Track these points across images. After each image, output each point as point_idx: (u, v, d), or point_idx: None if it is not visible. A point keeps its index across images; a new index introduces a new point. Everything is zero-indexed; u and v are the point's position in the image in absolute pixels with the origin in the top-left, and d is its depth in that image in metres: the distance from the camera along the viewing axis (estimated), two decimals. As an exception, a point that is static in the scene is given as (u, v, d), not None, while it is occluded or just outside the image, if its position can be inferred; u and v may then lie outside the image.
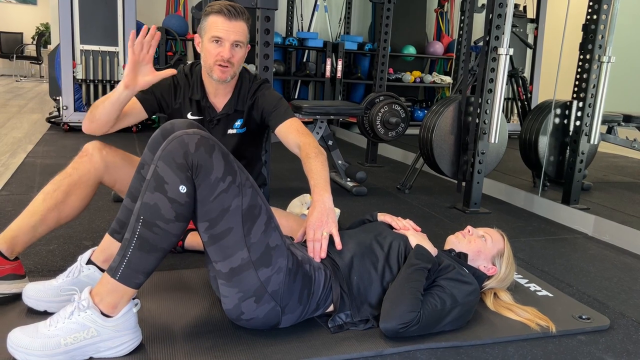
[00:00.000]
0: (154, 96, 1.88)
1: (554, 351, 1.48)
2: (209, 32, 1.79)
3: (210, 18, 1.78)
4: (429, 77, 6.45)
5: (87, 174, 1.65)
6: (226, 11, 1.76)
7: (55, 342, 1.23)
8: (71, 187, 1.62)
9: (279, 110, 1.92)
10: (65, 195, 1.61)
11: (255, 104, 1.96)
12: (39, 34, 11.44)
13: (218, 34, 1.77)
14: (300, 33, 6.09)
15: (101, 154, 1.70)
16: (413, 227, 1.73)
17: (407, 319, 1.41)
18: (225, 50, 1.78)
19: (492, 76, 2.83)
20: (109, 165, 1.71)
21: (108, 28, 4.83)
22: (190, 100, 1.94)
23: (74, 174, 1.65)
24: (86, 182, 1.65)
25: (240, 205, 1.33)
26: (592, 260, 2.31)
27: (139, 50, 1.60)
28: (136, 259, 1.27)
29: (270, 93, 1.97)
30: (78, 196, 1.63)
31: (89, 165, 1.67)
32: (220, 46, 1.78)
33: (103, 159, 1.69)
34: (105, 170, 1.70)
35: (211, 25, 1.78)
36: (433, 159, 3.08)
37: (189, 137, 1.28)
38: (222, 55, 1.78)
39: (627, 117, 3.88)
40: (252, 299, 1.37)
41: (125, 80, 1.63)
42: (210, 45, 1.79)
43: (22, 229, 1.57)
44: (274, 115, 1.92)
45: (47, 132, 4.76)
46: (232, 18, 1.76)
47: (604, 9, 2.88)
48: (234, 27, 1.77)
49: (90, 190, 1.68)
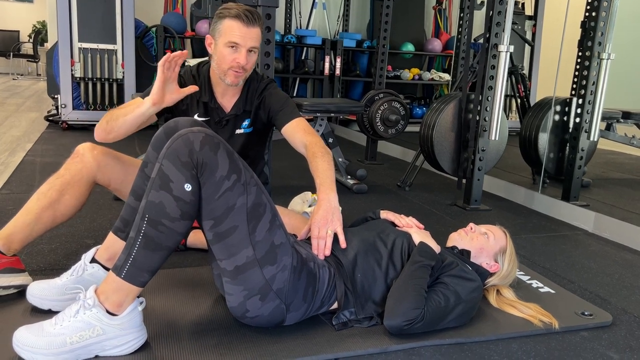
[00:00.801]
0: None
1: (557, 347, 1.49)
2: (225, 37, 1.76)
3: (227, 22, 1.76)
4: (427, 74, 6.45)
5: (78, 174, 1.65)
6: (244, 17, 1.73)
7: (61, 340, 1.23)
8: (64, 186, 1.63)
9: (285, 110, 1.92)
10: (59, 194, 1.61)
11: (262, 103, 1.96)
12: (36, 32, 11.39)
13: (235, 40, 1.75)
14: (298, 30, 6.08)
15: (92, 153, 1.70)
16: (416, 225, 1.73)
17: (412, 316, 1.42)
18: (241, 57, 1.76)
19: (492, 73, 2.84)
20: (100, 164, 1.70)
21: (106, 26, 4.81)
22: (198, 102, 1.92)
23: (66, 174, 1.65)
24: (79, 181, 1.65)
25: (245, 204, 1.33)
26: (593, 256, 2.32)
27: (168, 68, 1.62)
28: (141, 257, 1.27)
29: (277, 92, 1.97)
30: (72, 195, 1.63)
31: (81, 165, 1.67)
32: (236, 52, 1.76)
33: (94, 158, 1.69)
34: (97, 170, 1.69)
35: (227, 30, 1.75)
36: (434, 156, 3.09)
37: (194, 135, 1.28)
38: (239, 62, 1.77)
39: (626, 113, 3.89)
40: (257, 297, 1.37)
41: (154, 97, 1.64)
42: (225, 50, 1.77)
43: (18, 227, 1.57)
44: (281, 115, 1.92)
45: (46, 130, 4.74)
46: (249, 24, 1.74)
47: (604, 6, 2.88)
48: (250, 33, 1.75)
49: (85, 190, 1.68)
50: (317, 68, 6.18)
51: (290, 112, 1.92)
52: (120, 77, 4.90)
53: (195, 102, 1.92)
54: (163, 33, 5.20)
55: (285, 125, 1.90)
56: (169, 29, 5.21)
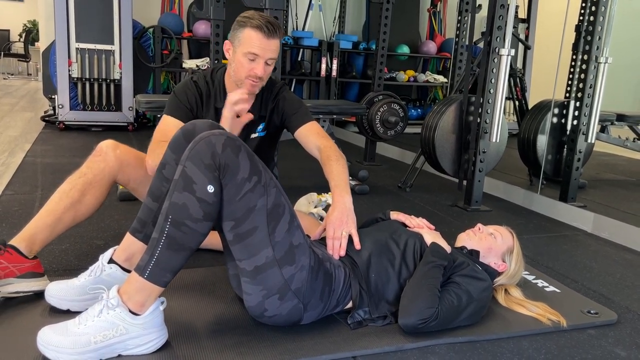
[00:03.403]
0: (185, 106, 1.88)
1: (566, 345, 1.53)
2: (244, 46, 1.76)
3: (248, 32, 1.75)
4: (422, 76, 6.50)
5: (101, 173, 1.67)
6: (266, 29, 1.73)
7: (85, 340, 1.25)
8: (86, 186, 1.64)
9: (299, 113, 1.95)
10: (80, 194, 1.62)
11: (276, 106, 1.98)
12: (27, 31, 11.31)
13: (254, 51, 1.75)
14: (295, 32, 6.10)
15: (115, 153, 1.71)
16: (427, 225, 1.77)
17: (426, 314, 1.45)
18: (259, 68, 1.77)
19: (493, 76, 2.88)
20: (122, 164, 1.72)
21: (104, 26, 4.80)
22: (213, 108, 1.93)
23: (89, 173, 1.66)
24: (100, 181, 1.66)
25: (266, 205, 1.35)
26: (594, 256, 2.37)
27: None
28: (165, 257, 1.29)
29: (290, 96, 1.99)
30: (93, 195, 1.65)
31: (103, 164, 1.68)
32: (254, 62, 1.77)
33: (117, 157, 1.70)
34: (119, 169, 1.71)
35: (247, 40, 1.75)
36: (435, 158, 3.13)
37: (216, 138, 1.31)
38: (256, 73, 1.78)
39: (620, 116, 3.97)
40: (275, 296, 1.39)
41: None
42: (244, 59, 1.77)
43: (40, 228, 1.58)
44: (294, 118, 1.94)
45: (43, 130, 4.73)
46: (270, 36, 1.74)
47: (602, 11, 2.94)
48: (270, 45, 1.76)
49: (105, 190, 1.69)
50: (313, 69, 6.20)
51: (303, 115, 1.95)
52: (117, 78, 4.89)
53: (210, 108, 1.93)
54: (160, 34, 5.20)
55: (299, 128, 1.93)
56: (166, 30, 5.21)
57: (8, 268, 1.49)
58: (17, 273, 1.51)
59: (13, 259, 1.50)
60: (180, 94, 1.90)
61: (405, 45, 6.45)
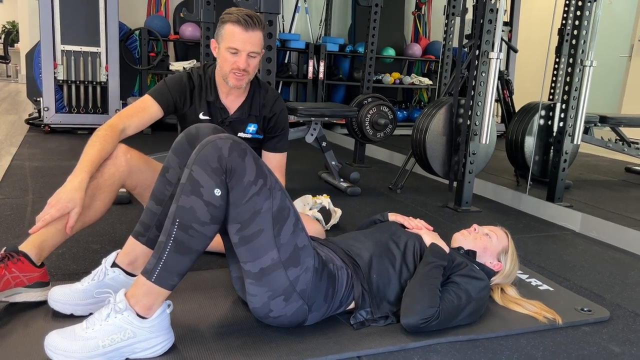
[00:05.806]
0: (170, 95, 1.91)
1: (563, 342, 1.57)
2: (226, 42, 1.83)
3: (228, 27, 1.83)
4: (408, 78, 6.57)
5: (111, 178, 1.66)
6: (243, 22, 1.80)
7: (93, 344, 1.25)
8: (96, 191, 1.63)
9: (278, 139, 2.10)
10: (90, 199, 1.61)
11: (272, 119, 2.07)
12: (6, 33, 11.12)
13: (235, 46, 1.82)
14: (282, 34, 6.11)
15: (126, 157, 1.71)
16: (425, 226, 1.80)
17: (428, 314, 1.48)
18: (241, 61, 1.83)
19: (482, 79, 2.93)
20: (132, 169, 1.72)
21: (90, 28, 4.76)
22: (204, 101, 1.99)
23: (99, 177, 1.65)
24: (110, 185, 1.66)
25: (271, 208, 1.37)
26: (583, 255, 2.43)
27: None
28: (172, 260, 1.29)
29: (284, 117, 2.10)
30: (102, 200, 1.64)
31: (114, 169, 1.68)
32: (236, 56, 1.84)
33: (127, 162, 1.70)
34: (128, 175, 1.71)
35: (229, 35, 1.82)
36: (426, 160, 3.17)
37: (222, 142, 1.32)
38: (238, 66, 1.84)
39: (602, 117, 4.06)
40: (281, 298, 1.41)
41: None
42: (227, 54, 1.84)
43: (50, 233, 1.55)
44: (274, 141, 2.09)
45: (28, 133, 4.66)
46: (248, 28, 1.81)
47: (586, 15, 3.01)
48: (250, 37, 1.82)
49: (114, 195, 1.69)
50: (300, 71, 6.22)
51: (281, 143, 2.11)
52: (104, 80, 4.84)
53: (201, 101, 1.98)
54: (147, 36, 5.17)
55: (270, 153, 2.09)
56: (153, 32, 5.18)
57: (19, 277, 1.47)
58: (27, 283, 1.49)
59: (24, 267, 1.48)
60: (171, 84, 1.94)
61: (390, 48, 6.50)
